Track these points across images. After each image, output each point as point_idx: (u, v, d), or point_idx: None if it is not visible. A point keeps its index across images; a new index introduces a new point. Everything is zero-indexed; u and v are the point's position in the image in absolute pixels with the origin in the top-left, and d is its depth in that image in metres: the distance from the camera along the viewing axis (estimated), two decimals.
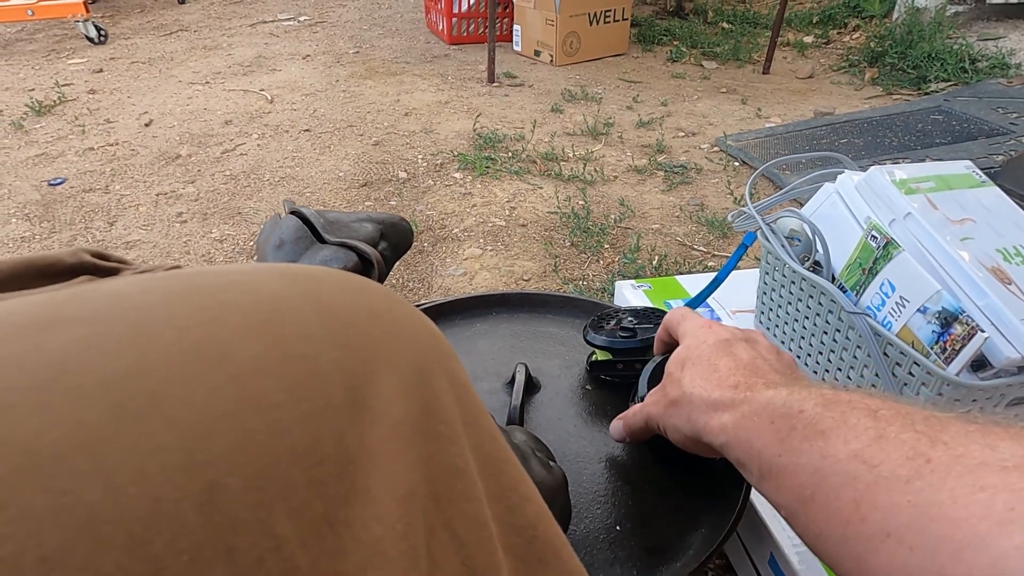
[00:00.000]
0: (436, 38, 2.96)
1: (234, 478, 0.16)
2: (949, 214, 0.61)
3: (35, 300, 0.19)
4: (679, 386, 0.44)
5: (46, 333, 0.17)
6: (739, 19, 3.20)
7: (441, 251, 1.34)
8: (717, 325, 0.48)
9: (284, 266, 0.23)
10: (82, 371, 0.16)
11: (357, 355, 0.20)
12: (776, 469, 0.34)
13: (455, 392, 0.22)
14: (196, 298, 0.19)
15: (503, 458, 0.24)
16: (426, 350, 0.22)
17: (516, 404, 0.58)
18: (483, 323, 0.74)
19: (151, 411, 0.16)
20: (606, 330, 0.62)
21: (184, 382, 0.16)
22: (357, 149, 1.82)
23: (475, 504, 0.22)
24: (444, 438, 0.21)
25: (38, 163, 1.75)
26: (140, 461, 0.15)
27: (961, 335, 0.54)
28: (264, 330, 0.19)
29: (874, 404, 0.32)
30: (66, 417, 0.15)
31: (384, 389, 0.20)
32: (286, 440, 0.17)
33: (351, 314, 0.21)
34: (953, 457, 0.27)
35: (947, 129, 1.85)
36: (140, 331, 0.17)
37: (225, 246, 1.37)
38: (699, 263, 1.29)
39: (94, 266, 0.25)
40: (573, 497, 0.52)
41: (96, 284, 0.22)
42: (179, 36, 2.98)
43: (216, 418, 0.16)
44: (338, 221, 0.48)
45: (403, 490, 0.19)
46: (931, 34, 2.49)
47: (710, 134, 1.94)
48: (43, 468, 0.14)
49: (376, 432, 0.19)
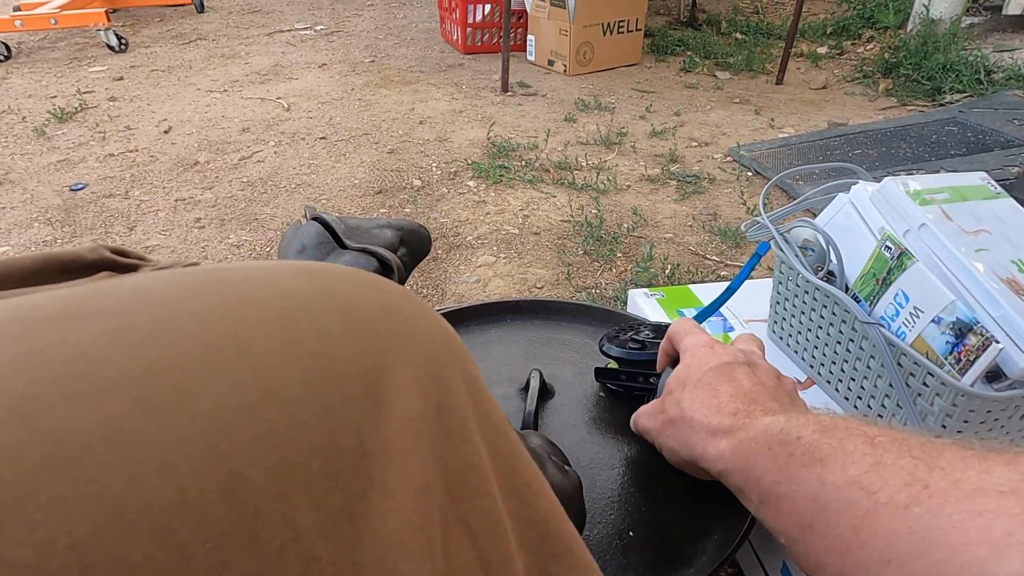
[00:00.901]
0: (450, 48, 2.98)
1: (255, 469, 0.16)
2: (964, 225, 0.61)
3: (59, 294, 0.19)
4: (679, 407, 0.44)
5: (71, 326, 0.17)
6: (752, 30, 3.21)
7: (455, 258, 1.35)
8: (720, 345, 0.48)
9: (301, 263, 0.23)
10: (107, 363, 0.16)
11: (373, 351, 0.20)
12: (775, 496, 0.34)
13: (468, 389, 0.23)
14: (216, 293, 0.19)
15: (516, 454, 0.24)
16: (440, 347, 0.22)
17: (531, 409, 0.59)
18: (497, 330, 0.74)
19: (175, 403, 0.16)
20: (619, 340, 0.62)
21: (206, 375, 0.17)
22: (372, 157, 1.84)
23: (489, 499, 0.22)
24: (458, 434, 0.21)
25: (60, 169, 1.78)
26: (164, 451, 0.15)
27: (976, 346, 0.54)
28: (282, 325, 0.19)
29: (871, 431, 0.32)
30: (93, 408, 0.15)
31: (399, 385, 0.20)
32: (305, 433, 0.17)
33: (367, 310, 0.21)
34: (950, 482, 0.27)
35: (962, 140, 1.84)
36: (163, 325, 0.18)
37: (242, 251, 1.39)
38: (712, 272, 1.30)
39: (114, 262, 0.26)
40: (587, 502, 0.53)
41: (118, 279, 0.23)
42: (198, 45, 3.02)
43: (237, 410, 0.17)
44: (359, 227, 0.49)
45: (419, 484, 0.19)
46: (946, 45, 2.48)
47: (723, 144, 1.94)
48: (72, 457, 0.14)
49: (392, 427, 0.19)
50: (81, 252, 0.25)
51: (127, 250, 0.27)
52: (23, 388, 0.15)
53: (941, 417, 0.57)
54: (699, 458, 0.41)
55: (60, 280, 0.24)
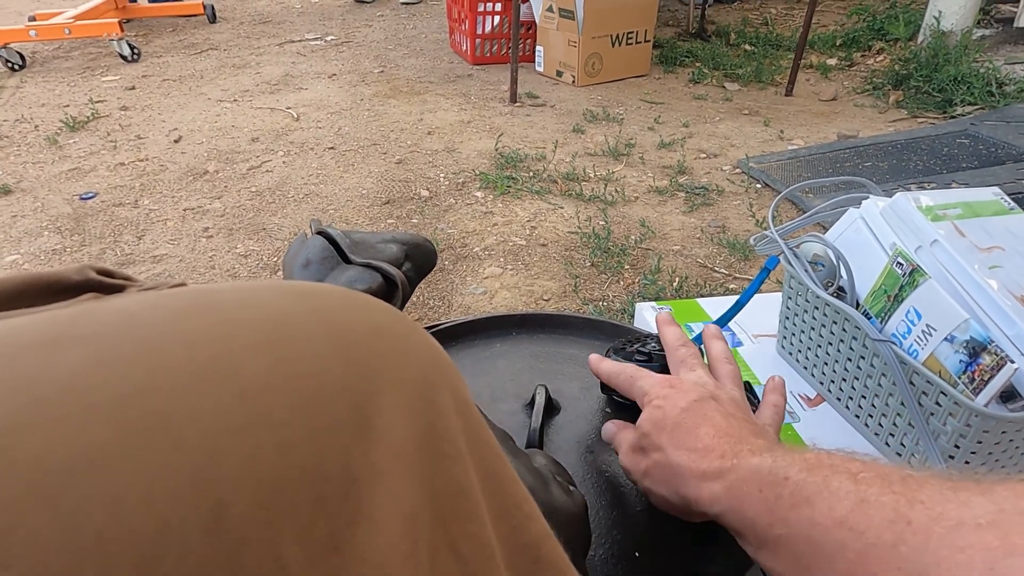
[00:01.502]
0: (459, 58, 3.00)
1: (241, 496, 0.16)
2: (977, 241, 0.60)
3: (43, 318, 0.19)
4: (663, 453, 0.44)
5: (55, 351, 0.17)
6: (762, 41, 3.20)
7: (462, 269, 1.35)
8: (676, 380, 0.48)
9: (290, 283, 0.23)
10: (90, 389, 0.16)
11: (362, 373, 0.20)
12: (771, 540, 0.34)
13: (458, 409, 0.22)
14: (204, 315, 0.19)
15: (506, 476, 0.24)
16: (430, 368, 0.22)
17: (536, 426, 0.58)
18: (503, 343, 0.74)
19: (160, 429, 0.16)
20: (625, 352, 0.62)
21: (193, 399, 0.16)
22: (380, 167, 1.84)
23: (478, 524, 0.21)
24: (448, 457, 0.21)
25: (71, 177, 1.80)
26: (148, 481, 0.15)
27: (990, 365, 0.53)
28: (271, 347, 0.19)
29: (855, 467, 0.33)
30: (75, 436, 0.15)
31: (388, 407, 0.20)
32: (292, 458, 0.17)
33: (356, 331, 0.21)
34: (931, 518, 0.28)
35: (974, 153, 1.83)
36: (148, 348, 0.17)
37: (249, 261, 1.39)
38: (720, 285, 1.29)
39: (99, 283, 0.25)
40: (592, 522, 0.52)
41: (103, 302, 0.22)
42: (209, 55, 3.05)
43: (224, 435, 0.16)
44: (364, 242, 0.49)
45: (407, 510, 0.19)
46: (957, 57, 2.47)
47: (732, 156, 1.93)
48: (51, 489, 0.14)
49: (381, 451, 0.19)
50: (66, 273, 0.25)
51: (113, 271, 0.26)
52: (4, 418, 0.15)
53: (954, 437, 0.56)
54: (694, 503, 0.41)
55: (45, 302, 0.24)
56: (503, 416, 0.63)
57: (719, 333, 0.55)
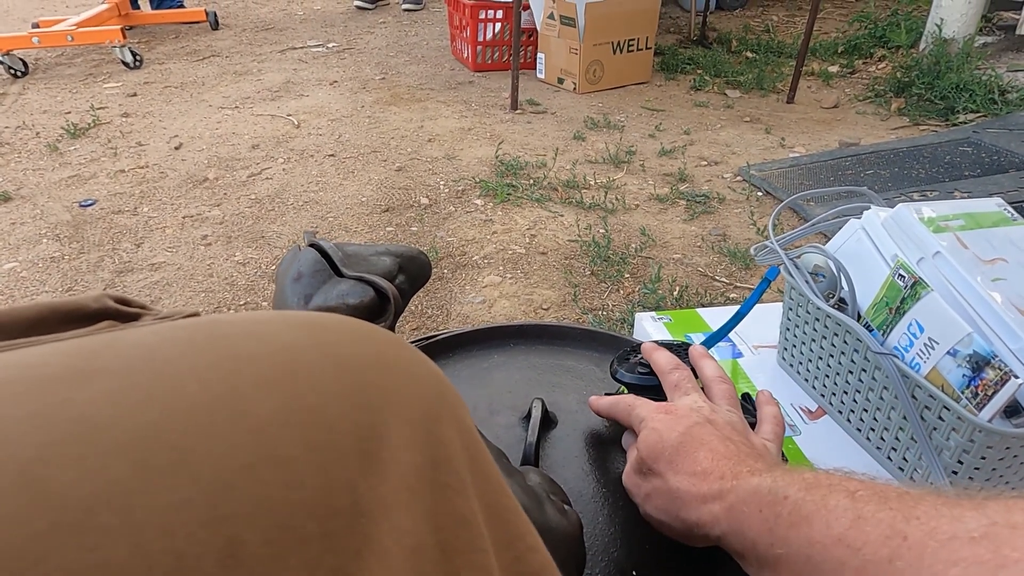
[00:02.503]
0: (461, 65, 3.00)
1: (253, 532, 0.16)
2: (980, 253, 0.59)
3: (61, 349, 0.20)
4: (663, 480, 0.44)
5: (74, 387, 0.18)
6: (763, 48, 3.20)
7: (461, 278, 1.34)
8: (671, 406, 0.48)
9: (298, 315, 0.23)
10: (110, 426, 0.17)
11: (367, 406, 0.20)
12: (772, 560, 0.35)
13: (462, 440, 0.23)
14: (216, 349, 0.20)
15: (509, 507, 0.24)
16: (434, 399, 0.23)
17: (532, 441, 0.57)
18: (500, 355, 0.73)
19: (176, 466, 0.16)
20: (629, 364, 0.61)
21: (206, 436, 0.17)
22: (380, 175, 1.84)
23: (482, 555, 0.22)
24: (452, 488, 0.21)
25: (71, 184, 1.80)
26: (165, 517, 0.15)
27: (994, 380, 0.52)
28: (280, 383, 0.19)
29: (852, 486, 0.34)
30: (97, 473, 0.16)
31: (394, 440, 0.20)
32: (301, 493, 0.18)
33: (361, 363, 0.21)
34: (926, 532, 0.29)
35: (976, 161, 1.82)
36: (163, 385, 0.18)
37: (248, 270, 1.39)
38: (720, 294, 1.28)
39: (116, 311, 0.26)
40: (588, 540, 0.51)
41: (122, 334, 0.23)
42: (211, 61, 3.06)
43: (236, 472, 0.17)
44: (356, 254, 0.48)
45: (412, 542, 0.19)
46: (959, 65, 2.46)
47: (733, 163, 1.93)
48: (76, 524, 0.15)
49: (387, 484, 0.19)
50: (84, 301, 0.26)
51: (129, 299, 0.27)
52: (29, 452, 0.16)
53: (957, 453, 0.55)
54: (695, 526, 0.41)
55: (62, 329, 0.24)
56: (499, 431, 0.62)
57: (707, 352, 0.55)
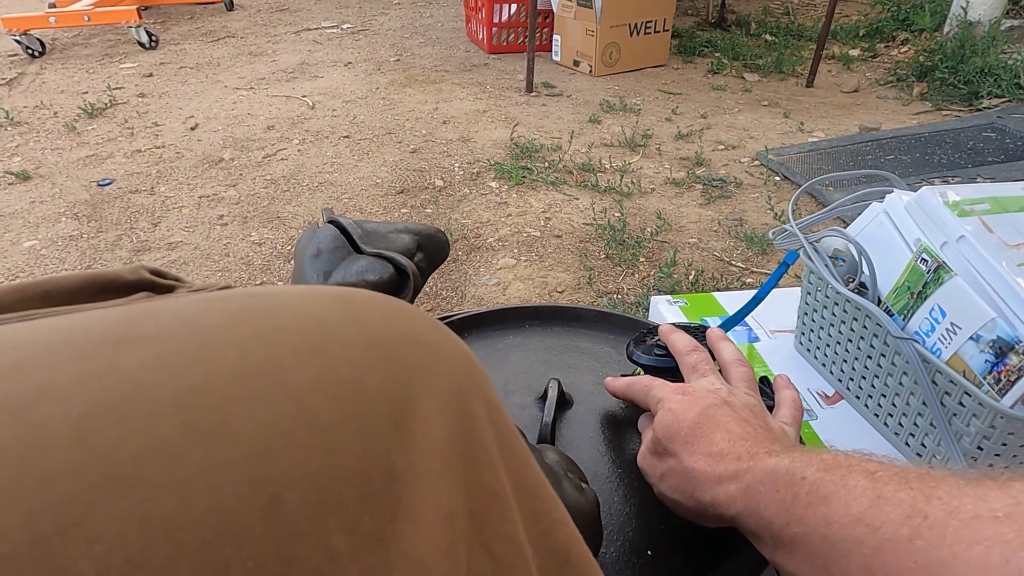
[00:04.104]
0: (476, 47, 2.98)
1: (293, 492, 0.17)
2: (1005, 238, 0.58)
3: (107, 316, 0.21)
4: (678, 460, 0.44)
5: (123, 350, 0.18)
6: (783, 31, 3.15)
7: (475, 260, 1.34)
8: (688, 387, 0.48)
9: (332, 289, 0.24)
10: (156, 387, 0.17)
11: (399, 379, 0.21)
12: (787, 539, 0.34)
13: (490, 416, 0.23)
14: (253, 319, 0.21)
15: (536, 482, 0.25)
16: (464, 376, 0.23)
17: (548, 421, 0.57)
18: (516, 336, 0.73)
19: (219, 428, 0.17)
20: (645, 345, 0.61)
21: (247, 400, 0.18)
22: (395, 156, 1.83)
23: (511, 526, 0.22)
24: (481, 462, 0.22)
25: (88, 164, 1.81)
26: (209, 473, 0.16)
27: (1017, 366, 0.51)
28: (315, 353, 0.20)
29: (872, 466, 0.34)
30: (144, 431, 0.16)
31: (425, 413, 0.21)
32: (339, 458, 0.18)
33: (394, 339, 0.22)
34: (948, 512, 0.28)
35: (1000, 147, 1.79)
36: (205, 351, 0.19)
37: (264, 250, 1.40)
38: (737, 279, 1.27)
39: (151, 283, 0.27)
40: (604, 519, 0.51)
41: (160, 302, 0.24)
42: (226, 42, 3.05)
43: (277, 436, 0.18)
44: (375, 232, 0.48)
45: (445, 510, 0.20)
46: (984, 48, 2.41)
47: (751, 148, 1.90)
48: (126, 477, 0.15)
49: (419, 454, 0.20)
50: (122, 273, 0.26)
51: (164, 271, 0.28)
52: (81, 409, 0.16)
53: (978, 439, 0.55)
54: (710, 506, 0.41)
55: (101, 299, 0.25)
56: (516, 410, 0.62)
57: (725, 335, 0.54)
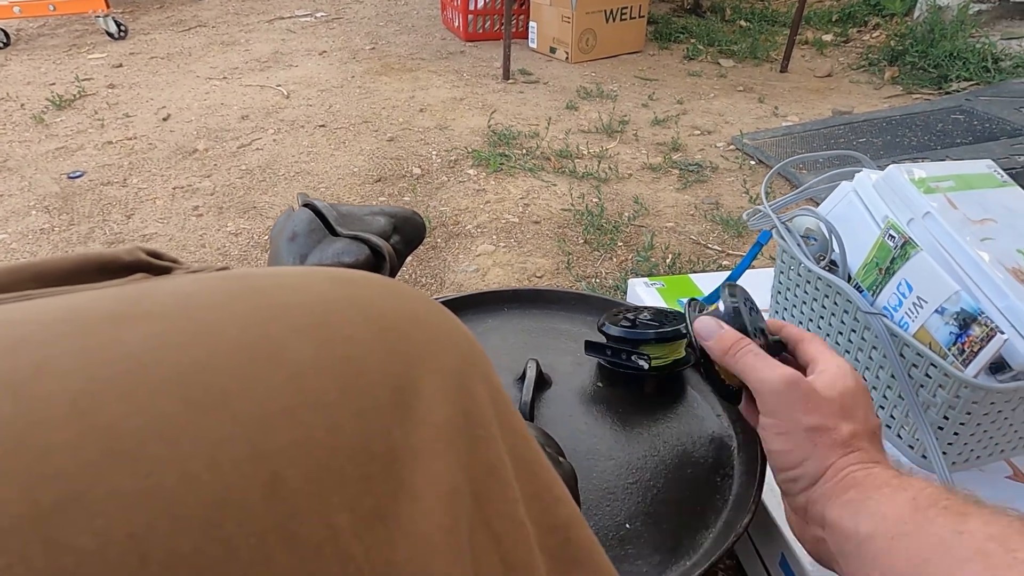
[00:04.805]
0: (452, 35, 2.96)
1: (294, 470, 0.17)
2: (969, 214, 0.60)
3: (105, 295, 0.20)
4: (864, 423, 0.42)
5: (122, 328, 0.18)
6: (757, 17, 3.17)
7: (454, 247, 1.34)
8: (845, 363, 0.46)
9: (331, 270, 0.24)
10: (156, 364, 0.17)
11: (401, 359, 0.21)
12: (894, 534, 0.34)
13: (491, 396, 0.23)
14: (252, 298, 0.20)
15: (536, 460, 0.25)
16: (464, 355, 0.23)
17: (526, 400, 0.58)
18: (495, 319, 0.74)
19: (219, 405, 0.17)
20: (615, 318, 0.62)
21: (247, 378, 0.18)
22: (372, 145, 1.82)
23: (512, 504, 0.22)
24: (482, 440, 0.22)
25: (58, 156, 1.77)
26: (211, 450, 0.16)
27: (980, 337, 0.53)
28: (315, 332, 0.20)
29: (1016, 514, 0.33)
30: (145, 406, 0.16)
31: (426, 392, 0.21)
32: (340, 437, 0.18)
33: (394, 318, 0.22)
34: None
35: (968, 129, 1.82)
36: (205, 329, 0.19)
37: (240, 240, 1.38)
38: (713, 262, 1.29)
39: (148, 264, 0.27)
40: (583, 494, 0.52)
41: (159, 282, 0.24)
42: (197, 32, 3.00)
43: (276, 413, 0.17)
44: (351, 214, 0.48)
45: (447, 488, 0.20)
46: (953, 32, 2.45)
47: (726, 132, 1.92)
48: (128, 453, 0.15)
49: (420, 433, 0.20)
50: (118, 254, 0.26)
51: (161, 252, 0.28)
52: (80, 385, 0.16)
53: (944, 408, 0.57)
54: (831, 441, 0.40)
55: (98, 280, 0.25)
56: None
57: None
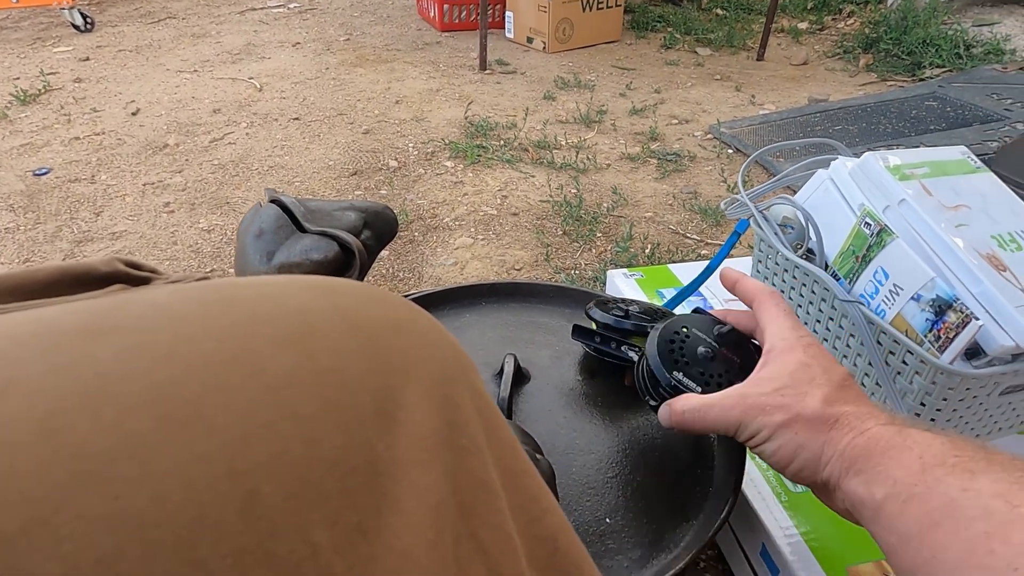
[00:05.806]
0: (427, 25, 2.93)
1: (272, 486, 0.16)
2: (944, 200, 0.60)
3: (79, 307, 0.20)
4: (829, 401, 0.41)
5: (94, 342, 0.18)
6: (733, 5, 3.18)
7: (432, 240, 1.33)
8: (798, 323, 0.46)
9: (312, 278, 0.23)
10: (129, 380, 0.17)
11: (383, 368, 0.20)
12: (906, 496, 0.34)
13: (476, 405, 0.23)
14: (231, 310, 0.20)
15: (524, 471, 0.24)
16: (449, 363, 0.23)
17: (504, 395, 0.57)
18: (472, 313, 0.73)
19: (194, 420, 0.16)
20: (606, 307, 0.61)
21: (223, 392, 0.17)
22: (347, 137, 1.80)
23: (499, 516, 0.22)
24: (468, 451, 0.22)
25: (23, 153, 1.73)
26: (185, 468, 0.16)
27: (955, 323, 0.53)
28: (294, 343, 0.19)
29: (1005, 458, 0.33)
30: (116, 425, 0.16)
31: (410, 402, 0.20)
32: (319, 450, 0.18)
33: (377, 327, 0.21)
34: None
35: (941, 115, 1.84)
36: (180, 342, 0.18)
37: (213, 236, 1.36)
38: (692, 251, 1.29)
39: (126, 275, 0.26)
40: (562, 489, 0.51)
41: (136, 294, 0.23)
42: (167, 24, 2.94)
43: (254, 428, 0.17)
44: (320, 210, 0.47)
45: (432, 500, 0.20)
46: (926, 20, 2.47)
47: (704, 121, 1.92)
48: (96, 473, 0.15)
49: (404, 444, 0.19)
50: (95, 264, 0.26)
51: (140, 263, 0.27)
52: (49, 404, 0.16)
53: (920, 395, 0.57)
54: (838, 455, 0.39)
55: (74, 292, 0.24)
56: None
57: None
